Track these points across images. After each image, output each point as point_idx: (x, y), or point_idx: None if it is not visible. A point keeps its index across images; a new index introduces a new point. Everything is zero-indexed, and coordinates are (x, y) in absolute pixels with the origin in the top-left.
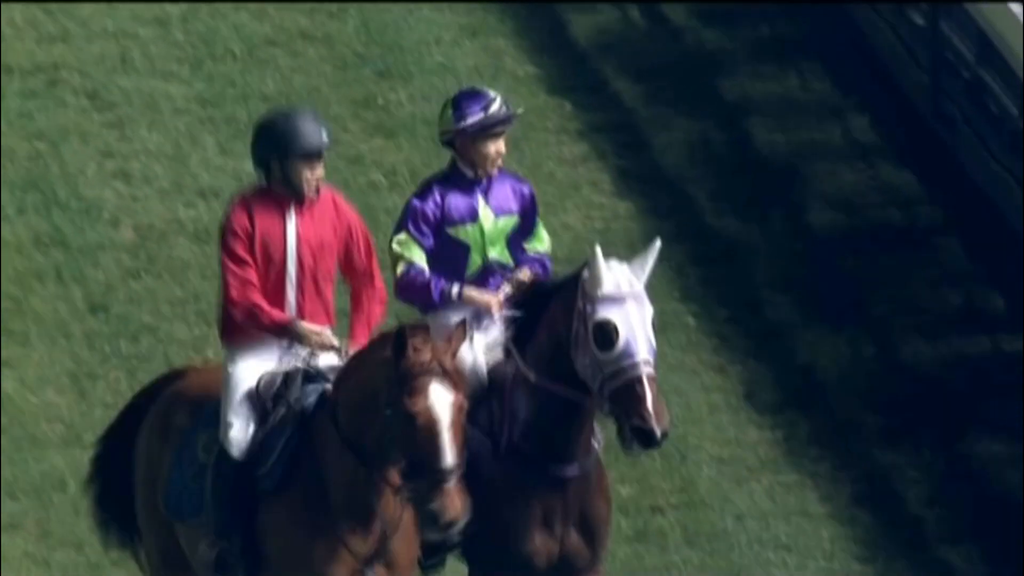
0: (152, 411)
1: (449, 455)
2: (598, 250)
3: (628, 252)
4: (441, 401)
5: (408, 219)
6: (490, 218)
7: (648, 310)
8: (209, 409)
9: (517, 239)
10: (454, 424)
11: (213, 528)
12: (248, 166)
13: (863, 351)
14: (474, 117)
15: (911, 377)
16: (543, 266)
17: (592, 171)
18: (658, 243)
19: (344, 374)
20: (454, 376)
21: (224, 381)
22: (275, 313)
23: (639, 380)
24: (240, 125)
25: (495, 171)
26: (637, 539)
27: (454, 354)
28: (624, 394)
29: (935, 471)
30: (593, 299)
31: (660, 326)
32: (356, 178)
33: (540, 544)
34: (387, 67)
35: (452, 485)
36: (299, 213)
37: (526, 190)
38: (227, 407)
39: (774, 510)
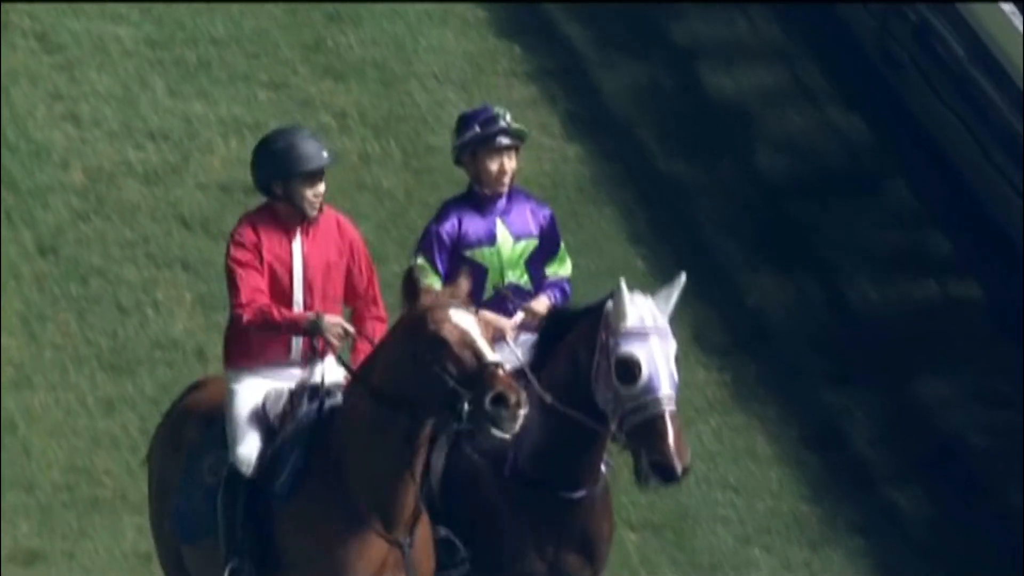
0: (164, 424)
1: (489, 352)
2: (623, 284)
3: (577, 195)
4: (465, 320)
5: (425, 244)
6: (509, 242)
7: (672, 345)
8: (217, 427)
9: (536, 262)
10: (484, 334)
11: (225, 547)
12: (197, 108)
13: (811, 294)
14: (471, 131)
15: (858, 320)
16: (563, 291)
17: (541, 114)
18: (683, 277)
19: (369, 358)
20: (470, 306)
21: (227, 400)
22: (287, 311)
23: (661, 416)
24: (189, 67)
25: (504, 188)
26: None
27: (464, 293)
28: (645, 430)
29: (882, 413)
30: (616, 333)
31: (608, 270)
32: (306, 121)
33: (534, 568)
34: (337, 10)
35: (504, 373)
36: (304, 235)
37: (545, 213)
38: (233, 425)
39: (722, 451)
